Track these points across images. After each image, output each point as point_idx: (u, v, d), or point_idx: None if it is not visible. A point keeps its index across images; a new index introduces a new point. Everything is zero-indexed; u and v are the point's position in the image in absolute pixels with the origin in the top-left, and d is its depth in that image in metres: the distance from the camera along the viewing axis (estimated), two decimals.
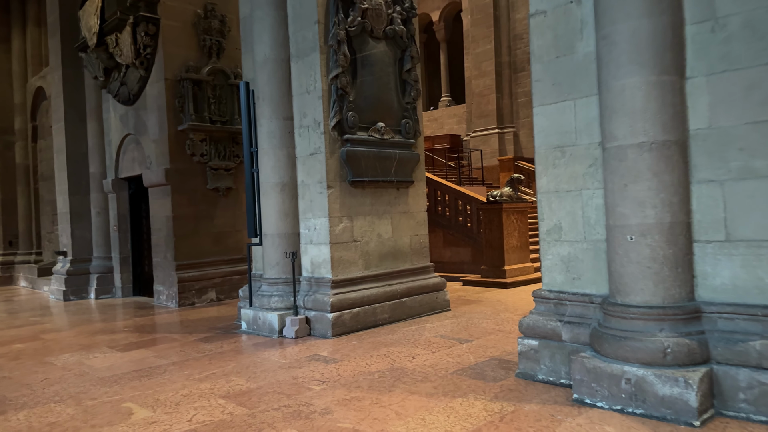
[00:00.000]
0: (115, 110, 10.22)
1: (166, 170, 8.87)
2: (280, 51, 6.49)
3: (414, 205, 7.15)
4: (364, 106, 6.51)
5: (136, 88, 9.38)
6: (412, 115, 7.02)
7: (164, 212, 9.07)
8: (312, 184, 6.36)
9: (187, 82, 8.87)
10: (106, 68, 9.76)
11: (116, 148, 10.35)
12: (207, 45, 9.23)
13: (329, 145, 6.23)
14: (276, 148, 6.46)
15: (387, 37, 6.76)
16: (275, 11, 6.47)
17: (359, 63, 6.48)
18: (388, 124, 6.76)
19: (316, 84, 6.25)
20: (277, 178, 6.45)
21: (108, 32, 9.19)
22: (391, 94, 6.82)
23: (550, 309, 4.28)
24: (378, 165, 6.64)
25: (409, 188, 7.08)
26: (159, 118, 9.01)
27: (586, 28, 4.08)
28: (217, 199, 9.38)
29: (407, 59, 6.95)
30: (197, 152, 9.08)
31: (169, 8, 8.90)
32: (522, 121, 19.12)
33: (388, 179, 6.78)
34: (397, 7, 6.86)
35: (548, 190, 4.33)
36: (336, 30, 6.20)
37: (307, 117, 6.38)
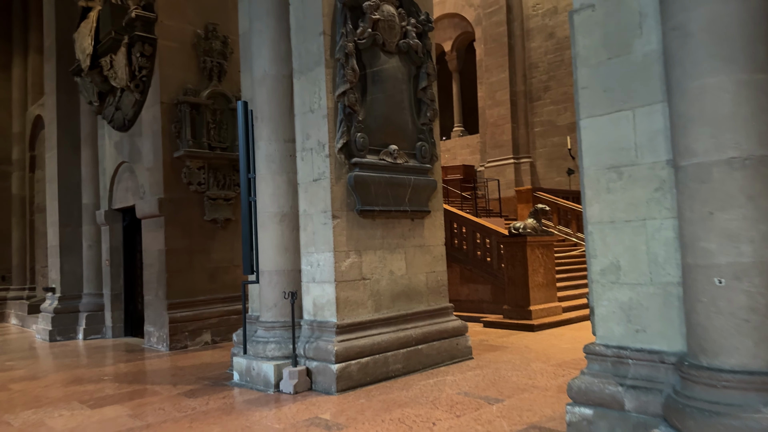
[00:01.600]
0: (110, 137, 9.61)
1: (160, 200, 8.17)
2: (281, 66, 5.82)
3: (430, 238, 6.35)
4: (374, 127, 5.78)
5: (130, 113, 8.77)
6: (428, 137, 6.29)
7: (157, 246, 8.33)
8: (315, 213, 5.59)
9: (184, 106, 8.25)
10: (101, 92, 9.19)
11: (110, 177, 9.71)
12: (207, 67, 8.64)
13: (335, 170, 5.48)
14: (275, 173, 5.73)
15: (400, 51, 6.08)
16: (276, 23, 5.83)
17: (369, 79, 5.79)
18: (402, 147, 6.02)
19: (321, 102, 5.55)
20: (276, 208, 5.70)
21: (102, 54, 8.65)
22: (404, 113, 6.10)
23: (606, 369, 3.41)
24: (390, 192, 5.87)
25: (424, 219, 6.29)
26: (153, 144, 8.37)
27: (646, 21, 3.33)
28: (214, 232, 8.63)
29: (423, 76, 6.25)
30: (194, 181, 8.39)
31: (167, 28, 8.34)
32: (539, 151, 18.40)
33: (402, 209, 6.00)
34: (412, 20, 6.20)
35: (601, 220, 3.52)
36: (344, 42, 5.52)
37: (310, 138, 5.66)
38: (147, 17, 8.12)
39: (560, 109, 17.93)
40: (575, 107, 3.80)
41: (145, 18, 8.11)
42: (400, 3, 6.12)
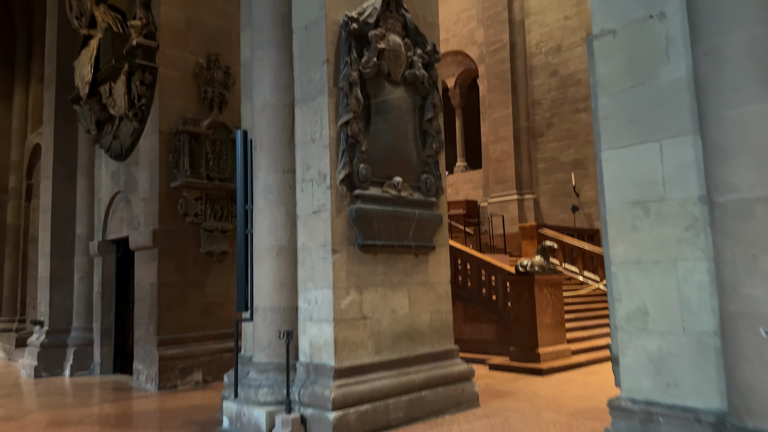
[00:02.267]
0: (107, 166, 9.39)
1: (154, 231, 7.88)
2: (282, 95, 5.62)
3: (435, 275, 6.03)
4: (377, 158, 5.54)
5: (128, 142, 8.57)
6: (433, 170, 6.04)
7: (149, 279, 8.00)
8: (314, 248, 5.29)
9: (183, 136, 8.04)
10: (99, 121, 9.02)
11: (105, 208, 9.44)
12: (208, 97, 8.47)
13: (336, 202, 5.21)
14: (273, 205, 5.45)
15: (406, 81, 5.88)
16: (278, 51, 5.65)
17: (373, 109, 5.57)
18: (406, 180, 5.76)
19: (323, 131, 5.31)
20: (273, 241, 5.40)
21: (101, 82, 8.50)
22: (409, 145, 5.86)
23: (634, 427, 3.06)
24: (393, 226, 5.58)
25: (429, 255, 5.99)
26: (150, 174, 8.13)
27: (673, 47, 3.10)
28: (209, 265, 8.31)
29: (428, 107, 6.04)
30: (191, 212, 8.12)
31: (168, 57, 8.20)
32: (542, 188, 18.19)
33: (405, 243, 5.70)
34: (418, 50, 6.02)
35: (626, 261, 3.21)
36: (348, 71, 5.32)
37: (311, 169, 5.41)
38: (148, 46, 7.99)
39: (563, 146, 17.80)
40: (595, 138, 3.55)
41: (146, 46, 7.98)
42: (406, 33, 5.95)
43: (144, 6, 8.16)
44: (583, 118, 17.37)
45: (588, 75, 16.80)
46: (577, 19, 17.78)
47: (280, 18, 5.71)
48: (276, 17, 5.70)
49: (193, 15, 8.48)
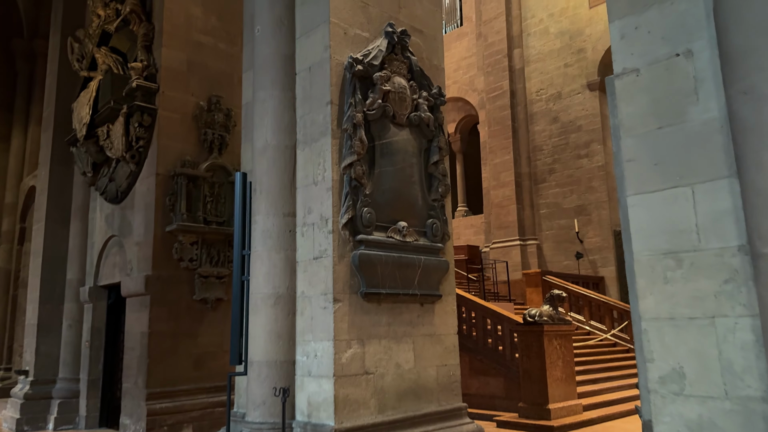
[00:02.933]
0: (102, 209, 9.16)
1: (147, 277, 7.58)
2: (283, 136, 5.43)
3: (441, 326, 5.70)
4: (382, 202, 5.30)
5: (124, 185, 8.36)
6: (439, 214, 5.79)
7: (139, 327, 7.65)
8: (314, 296, 4.99)
9: (181, 178, 7.84)
10: (95, 163, 8.84)
11: (98, 252, 9.16)
12: (208, 139, 8.32)
13: (338, 248, 4.94)
14: (271, 250, 5.19)
15: (411, 124, 5.71)
16: (281, 92, 5.50)
17: (378, 151, 5.37)
18: (411, 225, 5.51)
19: (326, 173, 5.10)
20: (271, 288, 5.11)
21: (99, 123, 8.37)
22: (414, 188, 5.63)
23: None
24: (398, 274, 5.29)
25: (435, 304, 5.68)
26: (145, 218, 7.89)
27: (703, 86, 2.90)
28: (203, 313, 7.97)
29: (434, 150, 5.85)
30: (186, 257, 7.84)
31: (168, 99, 8.10)
32: (545, 233, 17.96)
33: (410, 292, 5.40)
34: (423, 93, 5.88)
35: (658, 317, 2.92)
36: (352, 112, 5.15)
37: (312, 213, 5.16)
38: (148, 87, 7.89)
39: (566, 191, 17.67)
40: (617, 181, 3.32)
41: (146, 88, 7.88)
42: (411, 76, 5.82)
43: (145, 48, 8.11)
44: (585, 164, 17.32)
45: (589, 122, 16.85)
46: (577, 66, 17.97)
47: (283, 59, 5.59)
48: (279, 58, 5.58)
49: (195, 57, 8.43)
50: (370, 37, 5.62)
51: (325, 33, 5.32)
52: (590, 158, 17.31)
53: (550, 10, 19.04)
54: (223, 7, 8.79)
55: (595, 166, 17.19)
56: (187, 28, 8.39)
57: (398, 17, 5.97)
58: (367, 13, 5.69)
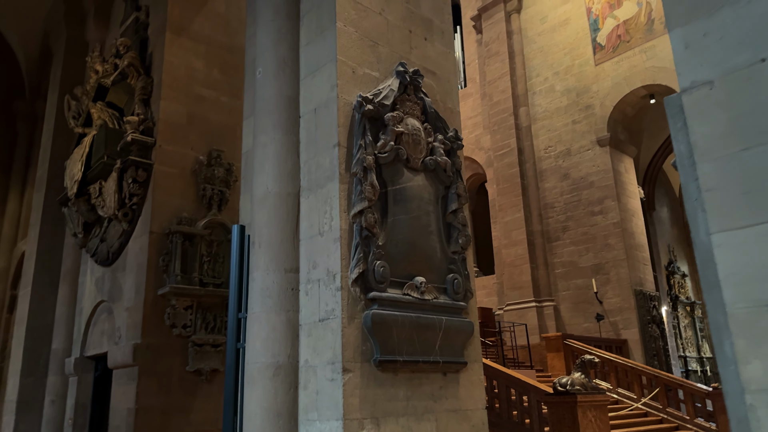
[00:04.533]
0: (92, 273, 8.55)
1: (135, 346, 6.87)
2: (286, 183, 4.89)
3: (468, 400, 4.92)
4: (396, 254, 4.67)
5: (116, 245, 7.79)
6: (461, 268, 5.14)
7: (126, 403, 6.86)
8: (320, 366, 4.27)
9: (176, 236, 7.28)
10: (86, 223, 8.33)
11: (86, 319, 8.48)
12: (207, 195, 7.82)
13: (348, 308, 4.27)
14: (271, 311, 4.52)
15: (426, 169, 5.17)
16: (283, 136, 5.01)
17: (391, 198, 4.80)
18: (429, 280, 4.84)
19: (333, 222, 4.50)
20: (269, 357, 4.41)
21: (92, 180, 7.91)
22: (432, 239, 5.02)
23: None
24: (416, 337, 4.58)
25: (460, 373, 4.92)
26: (137, 280, 7.26)
27: None
28: (197, 386, 7.18)
29: (452, 197, 5.28)
30: (179, 323, 7.15)
31: (166, 153, 7.66)
32: (562, 294, 17.12)
33: (431, 359, 4.67)
34: (439, 136, 5.37)
35: None
36: (362, 155, 4.62)
37: (317, 268, 4.53)
38: (144, 141, 7.48)
39: (581, 249, 16.99)
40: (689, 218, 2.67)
41: (142, 142, 7.46)
42: (425, 118, 5.34)
43: (143, 102, 7.76)
44: (600, 221, 16.73)
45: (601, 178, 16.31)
46: (586, 123, 17.73)
47: (286, 101, 5.13)
48: (282, 101, 5.13)
49: (195, 110, 8.06)
50: (380, 77, 5.18)
51: (332, 71, 4.88)
52: (604, 215, 16.74)
53: (555, 69, 19.04)
54: (226, 60, 8.52)
55: (610, 222, 16.59)
56: (187, 81, 8.08)
57: (409, 57, 5.56)
58: (377, 52, 5.27)
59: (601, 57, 17.82)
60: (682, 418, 11.55)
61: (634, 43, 17.02)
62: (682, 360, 19.12)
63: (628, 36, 17.23)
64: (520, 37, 19.90)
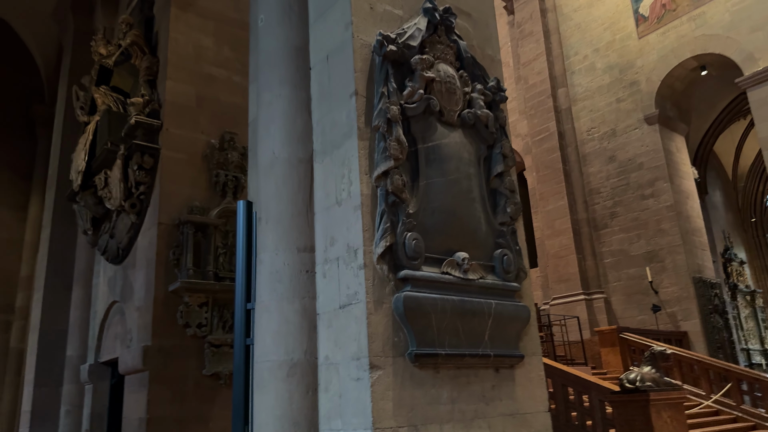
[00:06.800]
0: (105, 272, 7.96)
1: (145, 349, 6.21)
2: (296, 147, 4.11)
3: (527, 401, 4.01)
4: (431, 225, 3.80)
5: (125, 240, 7.16)
6: (510, 243, 4.23)
7: (137, 413, 6.20)
8: (343, 362, 3.44)
9: (187, 227, 6.59)
10: (95, 218, 7.74)
11: (100, 322, 7.89)
12: (220, 182, 7.12)
13: (374, 290, 3.42)
14: (283, 299, 3.72)
15: (464, 124, 4.27)
16: (291, 91, 4.23)
17: (422, 157, 3.93)
18: (473, 256, 3.94)
19: (352, 187, 3.67)
20: (282, 354, 3.61)
21: (96, 170, 7.31)
22: (474, 208, 4.12)
23: None
24: (461, 326, 3.70)
25: (515, 369, 4.01)
26: (146, 277, 6.61)
27: None
28: (214, 391, 6.46)
29: (496, 159, 4.37)
30: (193, 322, 6.46)
31: (174, 137, 7.00)
32: (612, 285, 15.92)
33: (480, 352, 3.77)
34: (478, 86, 4.47)
35: None
36: (385, 104, 3.77)
37: (336, 244, 3.70)
38: (150, 124, 6.83)
39: (632, 237, 15.75)
40: None
41: (147, 125, 6.81)
42: (461, 64, 4.45)
43: (148, 83, 7.14)
44: (651, 205, 15.48)
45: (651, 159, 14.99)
46: (631, 101, 16.49)
47: (293, 52, 4.35)
48: (288, 51, 4.35)
49: (205, 91, 7.38)
50: (403, 15, 4.32)
51: (345, 8, 4.05)
52: (656, 198, 15.48)
53: (594, 45, 17.84)
54: (237, 37, 7.81)
55: (663, 206, 15.32)
56: (196, 60, 7.41)
57: None
58: None
59: (644, 29, 16.55)
60: (759, 416, 10.31)
61: (680, 11, 15.73)
62: (744, 353, 17.67)
63: (674, 4, 15.94)
64: (555, 15, 18.78)
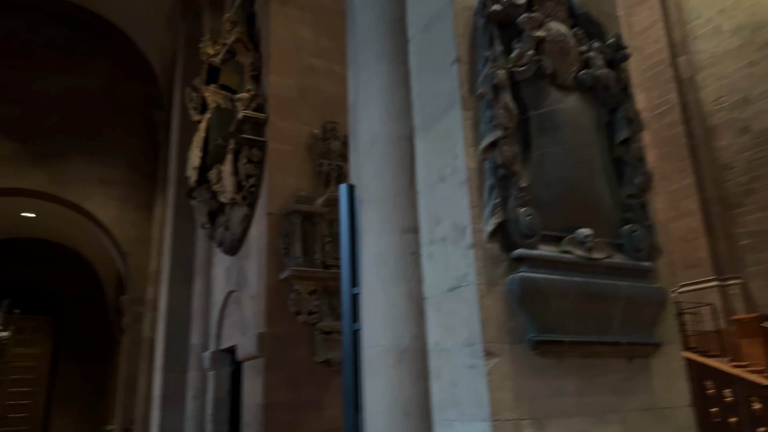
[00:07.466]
0: (221, 264, 8.32)
1: (260, 336, 6.35)
2: (395, 124, 3.92)
3: (665, 395, 3.53)
4: (547, 199, 3.44)
5: (239, 231, 7.40)
6: (640, 217, 3.75)
7: (254, 398, 6.37)
8: (454, 349, 3.20)
9: (295, 216, 6.67)
10: (211, 212, 8.08)
11: (219, 311, 8.25)
12: (324, 171, 7.15)
13: (485, 271, 3.15)
14: (388, 282, 3.55)
15: (581, 86, 3.85)
16: (389, 67, 4.04)
17: (534, 125, 3.58)
18: (597, 233, 3.52)
19: (457, 162, 3.41)
20: (390, 339, 3.44)
21: (210, 166, 7.62)
22: (597, 179, 3.70)
23: None
24: (586, 310, 3.32)
25: (651, 358, 3.55)
26: (258, 266, 6.78)
27: None
28: (328, 378, 6.50)
29: (620, 123, 3.90)
30: (303, 309, 6.52)
31: (279, 130, 7.11)
32: (751, 270, 14.25)
33: (609, 339, 3.37)
34: (595, 44, 4.02)
35: None
36: (491, 69, 3.46)
37: (441, 223, 3.47)
38: (256, 118, 6.99)
39: None
40: None
41: (254, 119, 6.98)
42: (574, 22, 4.03)
43: (253, 78, 7.32)
44: None
45: None
46: (767, 64, 14.66)
47: (390, 25, 4.15)
48: (385, 24, 4.16)
49: (306, 83, 7.43)
50: None
51: None
52: None
53: (719, 6, 16.05)
54: (335, 26, 7.77)
55: None
56: (296, 52, 7.48)
57: None
58: None
59: None
60: None
61: None
62: None
63: None
64: None
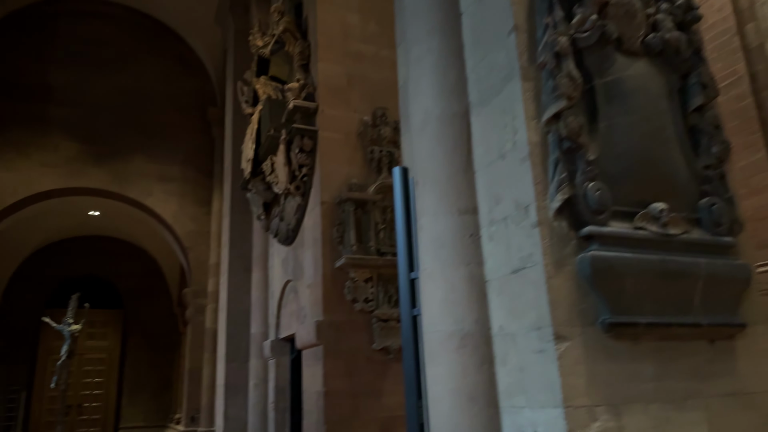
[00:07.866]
0: (278, 254, 8.40)
1: (318, 324, 6.35)
2: (450, 101, 3.77)
3: (752, 379, 3.26)
4: (617, 173, 3.22)
5: (293, 222, 7.43)
6: (719, 189, 3.48)
7: (314, 386, 6.39)
8: (521, 333, 3.05)
9: (348, 204, 6.62)
10: (266, 203, 8.16)
11: (277, 301, 8.34)
12: (375, 158, 7.06)
13: (552, 250, 2.97)
14: (447, 265, 3.43)
15: (650, 51, 3.58)
16: (441, 41, 3.89)
17: (601, 94, 3.35)
18: (673, 208, 3.28)
19: (518, 136, 3.24)
20: (451, 324, 3.32)
21: (263, 158, 7.67)
22: (670, 149, 3.44)
23: None
24: (662, 290, 3.09)
25: (735, 340, 3.28)
26: (314, 255, 6.78)
27: None
28: (385, 366, 6.44)
29: (694, 89, 3.61)
30: (360, 297, 6.48)
31: (329, 118, 7.06)
32: None
33: (689, 321, 3.13)
34: (663, 5, 3.73)
35: None
36: (552, 36, 3.26)
37: (502, 202, 3.30)
38: (306, 108, 6.96)
39: None
40: None
41: (304, 109, 6.96)
42: None
43: (302, 68, 7.29)
44: None
45: None
46: None
47: None
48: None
49: (354, 70, 7.35)
50: None
51: None
52: None
53: None
54: (382, 9, 7.64)
55: None
56: (343, 39, 7.40)
57: None
58: None
59: None
60: None
61: None
62: None
63: None
64: None
